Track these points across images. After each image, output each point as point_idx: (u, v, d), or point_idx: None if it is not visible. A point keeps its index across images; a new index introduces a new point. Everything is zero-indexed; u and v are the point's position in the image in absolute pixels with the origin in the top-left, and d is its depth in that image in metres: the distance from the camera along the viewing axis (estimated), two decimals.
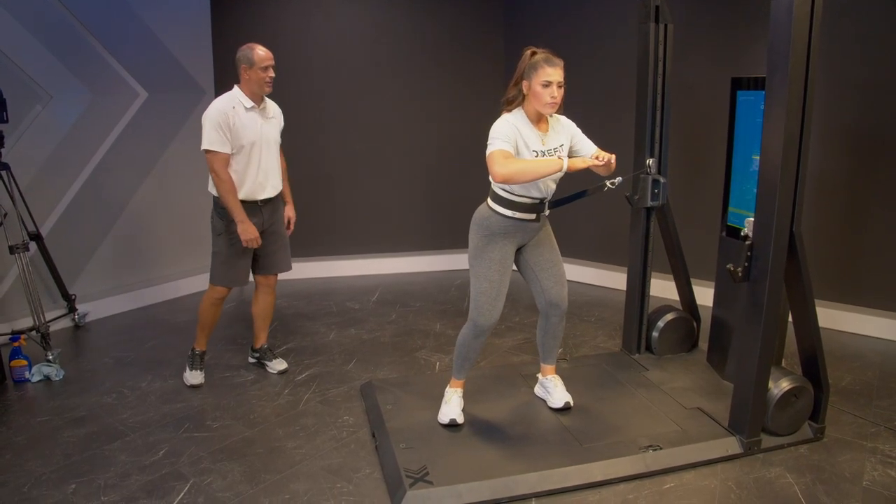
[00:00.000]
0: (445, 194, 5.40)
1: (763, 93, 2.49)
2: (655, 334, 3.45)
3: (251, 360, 3.59)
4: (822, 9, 2.32)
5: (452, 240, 5.37)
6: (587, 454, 2.56)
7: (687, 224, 3.94)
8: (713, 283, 3.31)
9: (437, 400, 2.89)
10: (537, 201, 2.62)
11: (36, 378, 3.38)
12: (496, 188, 2.61)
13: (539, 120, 2.57)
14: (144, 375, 3.45)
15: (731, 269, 2.56)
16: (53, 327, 3.89)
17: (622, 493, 2.41)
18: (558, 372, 3.04)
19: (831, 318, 3.93)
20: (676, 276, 3.53)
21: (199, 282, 3.27)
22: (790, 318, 2.78)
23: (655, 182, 3.15)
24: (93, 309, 4.30)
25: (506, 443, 2.66)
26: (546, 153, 2.54)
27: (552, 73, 2.45)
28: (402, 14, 5.15)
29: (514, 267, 2.76)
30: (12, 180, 3.59)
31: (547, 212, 2.69)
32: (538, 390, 3.05)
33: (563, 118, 2.67)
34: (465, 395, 2.90)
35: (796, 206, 2.48)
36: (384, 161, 5.31)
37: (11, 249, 3.57)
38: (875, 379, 3.32)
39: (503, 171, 2.36)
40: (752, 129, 2.97)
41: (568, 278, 2.90)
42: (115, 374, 3.49)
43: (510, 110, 2.56)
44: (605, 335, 3.99)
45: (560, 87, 2.47)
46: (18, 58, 3.83)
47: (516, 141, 2.48)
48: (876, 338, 3.84)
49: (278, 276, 3.43)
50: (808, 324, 2.65)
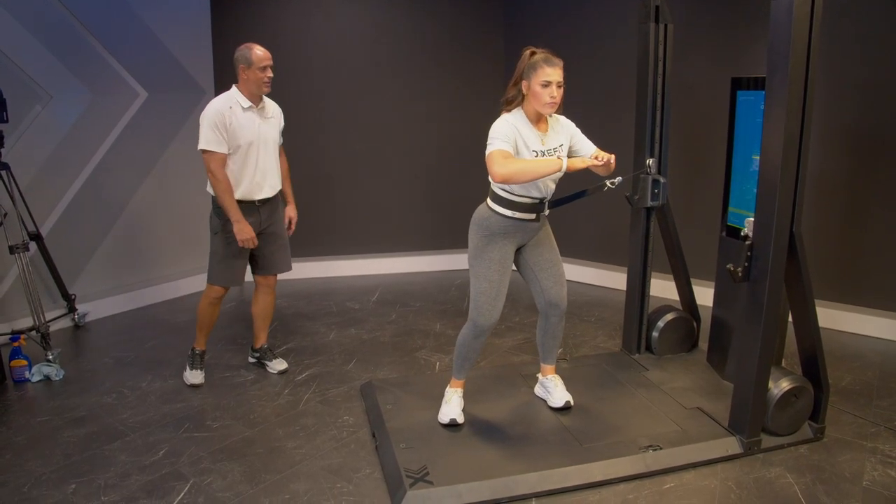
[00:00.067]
0: (445, 194, 5.40)
1: (763, 93, 2.49)
2: (655, 334, 3.45)
3: (251, 360, 3.59)
4: (822, 9, 2.32)
5: (452, 240, 5.37)
6: (587, 454, 2.56)
7: (687, 224, 3.94)
8: (713, 283, 3.31)
9: (438, 400, 2.89)
10: (537, 201, 2.62)
11: (36, 378, 3.38)
12: (496, 188, 2.61)
13: (538, 120, 2.56)
14: (144, 375, 3.45)
15: (731, 269, 2.56)
16: (53, 327, 3.89)
17: (622, 493, 2.41)
18: (558, 372, 3.04)
19: (831, 318, 3.93)
20: (676, 276, 3.53)
21: (199, 282, 3.29)
22: (790, 318, 2.78)
23: (655, 182, 3.16)
24: (93, 309, 4.30)
25: (506, 443, 2.66)
26: (546, 153, 2.54)
27: (551, 73, 2.45)
28: (402, 14, 5.16)
29: (514, 267, 2.76)
30: (12, 180, 3.59)
31: (547, 212, 2.69)
32: (538, 390, 3.05)
33: (563, 118, 2.67)
34: (466, 395, 2.90)
35: (796, 206, 2.48)
36: (384, 161, 5.31)
37: (11, 249, 3.57)
38: (875, 379, 3.32)
39: (503, 171, 2.36)
40: (752, 129, 2.97)
41: (568, 278, 2.90)
42: (115, 373, 3.49)
43: (509, 110, 2.56)
44: (605, 335, 3.99)
45: (559, 87, 2.47)
46: (18, 58, 3.83)
47: (516, 141, 2.48)
48: (876, 338, 3.84)
49: (278, 276, 3.44)
50: (808, 324, 2.65)
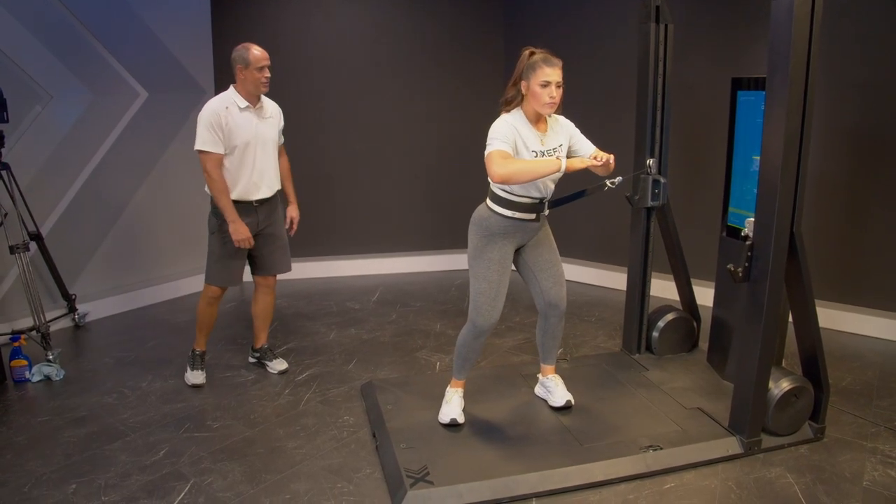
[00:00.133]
0: (445, 194, 5.40)
1: (763, 93, 2.49)
2: (656, 334, 3.45)
3: (251, 360, 3.59)
4: (823, 9, 2.32)
5: (452, 240, 5.37)
6: (588, 454, 2.56)
7: (687, 224, 3.94)
8: (713, 284, 3.31)
9: (438, 400, 2.89)
10: (537, 201, 2.62)
11: (36, 378, 3.38)
12: (495, 188, 2.61)
13: (538, 120, 2.56)
14: (145, 375, 3.45)
15: (732, 269, 2.56)
16: (54, 327, 3.89)
17: (623, 493, 2.42)
18: (558, 372, 3.04)
19: (831, 318, 3.93)
20: (676, 276, 3.53)
21: (199, 282, 3.29)
22: (790, 319, 2.78)
23: (656, 182, 3.16)
24: (93, 309, 4.30)
25: (506, 443, 2.66)
26: (545, 153, 2.54)
27: (551, 74, 2.44)
28: (402, 14, 5.16)
29: (513, 267, 2.76)
30: (13, 180, 3.59)
31: (546, 211, 2.69)
32: (538, 390, 3.05)
33: (562, 118, 2.67)
34: (466, 395, 2.90)
35: (797, 207, 2.48)
36: (384, 161, 5.31)
37: (12, 249, 3.57)
38: (875, 379, 3.33)
39: (502, 171, 2.36)
40: (752, 129, 2.97)
41: (568, 278, 2.90)
42: (116, 374, 3.49)
43: (509, 110, 2.56)
44: (605, 335, 3.99)
45: (559, 87, 2.47)
46: (19, 58, 3.83)
47: (515, 141, 2.48)
48: (876, 338, 3.84)
49: (278, 276, 3.44)
50: (808, 324, 2.65)
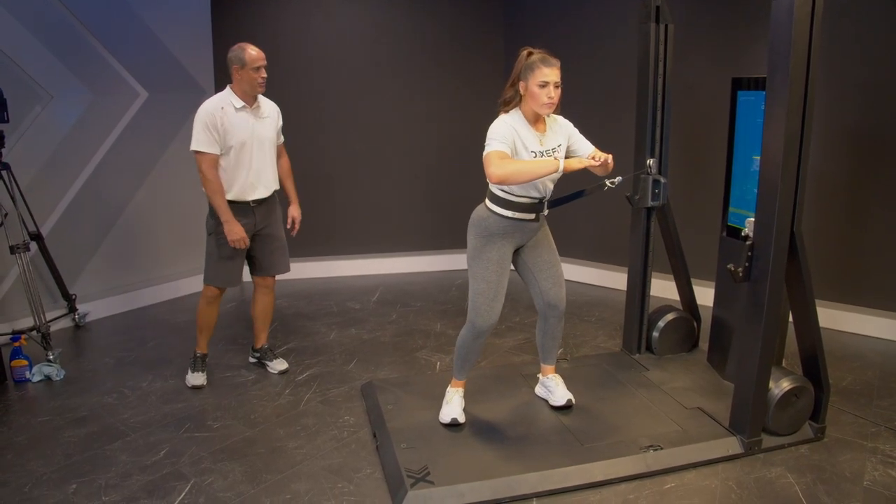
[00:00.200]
0: (445, 194, 5.40)
1: (764, 93, 2.49)
2: (656, 334, 3.45)
3: (252, 360, 3.59)
4: (823, 9, 2.32)
5: (452, 240, 5.37)
6: (588, 454, 2.56)
7: (687, 224, 3.94)
8: (713, 283, 3.31)
9: (438, 400, 2.89)
10: (536, 201, 2.61)
11: (37, 378, 3.38)
12: (494, 189, 2.61)
13: (537, 120, 2.56)
14: (145, 375, 3.45)
15: (732, 269, 2.56)
16: (54, 327, 3.89)
17: (623, 493, 2.42)
18: (559, 371, 3.04)
19: (832, 318, 3.93)
20: (677, 276, 3.53)
21: (200, 282, 3.29)
22: (791, 318, 2.78)
23: (656, 182, 3.16)
24: (93, 309, 4.30)
25: (507, 443, 2.66)
26: (544, 154, 2.54)
27: (549, 74, 2.44)
28: (402, 14, 5.16)
29: (513, 268, 2.76)
30: (13, 180, 3.59)
31: (546, 211, 2.69)
32: (539, 390, 3.05)
33: (561, 118, 2.66)
34: (466, 395, 2.90)
35: (797, 206, 2.48)
36: (384, 161, 5.31)
37: (12, 249, 3.57)
38: (875, 379, 3.33)
39: (499, 171, 2.36)
40: (752, 129, 2.97)
41: (568, 278, 2.90)
42: (116, 373, 3.49)
43: (507, 111, 2.56)
44: (605, 335, 3.99)
45: (557, 87, 2.46)
46: (19, 58, 3.83)
47: (514, 142, 2.47)
48: (876, 338, 3.84)
49: (278, 277, 3.44)
50: (808, 324, 2.65)
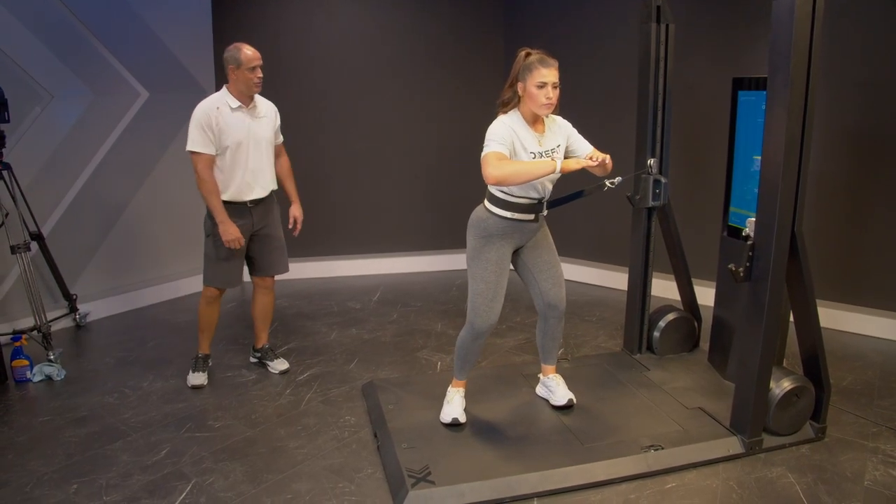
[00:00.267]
0: (445, 194, 5.40)
1: (764, 93, 2.49)
2: (657, 334, 3.46)
3: (253, 360, 3.59)
4: (823, 9, 2.32)
5: (452, 240, 5.37)
6: (589, 454, 2.56)
7: (688, 224, 3.94)
8: (714, 283, 3.31)
9: (439, 400, 2.89)
10: (535, 202, 2.61)
11: (37, 378, 3.38)
12: (493, 190, 2.61)
13: (535, 121, 2.56)
14: (146, 375, 3.45)
15: (733, 268, 2.56)
16: (55, 327, 3.89)
17: (624, 493, 2.42)
18: (559, 371, 3.04)
19: (832, 317, 3.93)
20: (677, 275, 3.53)
21: (200, 282, 3.31)
22: (791, 318, 2.78)
23: (657, 182, 3.16)
24: (94, 309, 4.30)
25: (508, 443, 2.66)
26: (543, 154, 2.53)
27: (547, 74, 2.44)
28: (403, 14, 5.16)
29: (512, 268, 2.76)
30: (13, 180, 3.59)
31: (545, 212, 2.69)
32: (540, 390, 3.05)
33: (559, 118, 2.66)
34: (467, 395, 2.90)
35: (798, 206, 2.48)
36: (384, 161, 5.31)
37: (13, 249, 3.57)
38: (876, 379, 3.33)
39: (496, 172, 2.36)
40: (753, 129, 2.97)
41: (568, 278, 2.90)
42: (117, 373, 3.49)
43: (506, 112, 2.56)
44: (606, 335, 3.99)
45: (555, 87, 2.46)
46: (19, 58, 3.83)
47: (513, 143, 2.47)
48: (877, 338, 3.84)
49: (277, 277, 3.44)
50: (809, 323, 2.65)
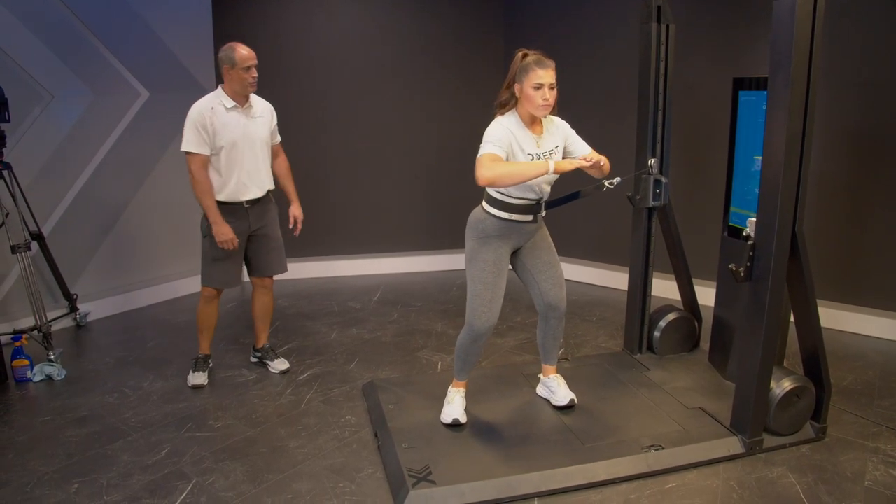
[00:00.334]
0: (445, 194, 5.40)
1: (765, 93, 2.49)
2: (657, 334, 3.46)
3: (253, 360, 3.59)
4: (824, 9, 2.32)
5: (452, 240, 5.37)
6: (589, 454, 2.56)
7: (688, 224, 3.94)
8: (715, 283, 3.31)
9: (440, 399, 2.89)
10: (533, 202, 2.60)
11: (38, 378, 3.38)
12: (491, 191, 2.60)
13: (533, 122, 2.55)
14: (146, 375, 3.45)
15: (734, 268, 2.56)
16: (55, 327, 3.89)
17: (624, 493, 2.42)
18: (560, 371, 3.04)
19: (833, 318, 3.93)
20: (678, 275, 3.53)
21: (200, 282, 3.33)
22: (792, 318, 2.78)
23: (657, 182, 3.16)
24: (94, 309, 4.30)
25: (508, 442, 2.66)
26: (541, 156, 2.53)
27: (543, 76, 2.43)
28: (403, 14, 5.16)
29: (511, 268, 2.76)
30: (14, 180, 3.59)
31: (543, 213, 2.68)
32: (540, 390, 3.05)
33: (558, 119, 2.66)
34: (468, 395, 2.90)
35: (798, 206, 2.48)
36: (384, 161, 5.32)
37: (13, 249, 3.57)
38: (877, 379, 3.33)
39: (488, 174, 2.36)
40: (753, 129, 2.97)
41: (568, 278, 2.90)
42: (117, 373, 3.49)
43: (503, 113, 2.55)
44: (606, 335, 3.99)
45: (552, 88, 2.45)
46: (20, 57, 3.83)
47: (511, 144, 2.47)
48: (878, 338, 3.84)
49: (277, 277, 3.44)
50: (809, 323, 2.65)
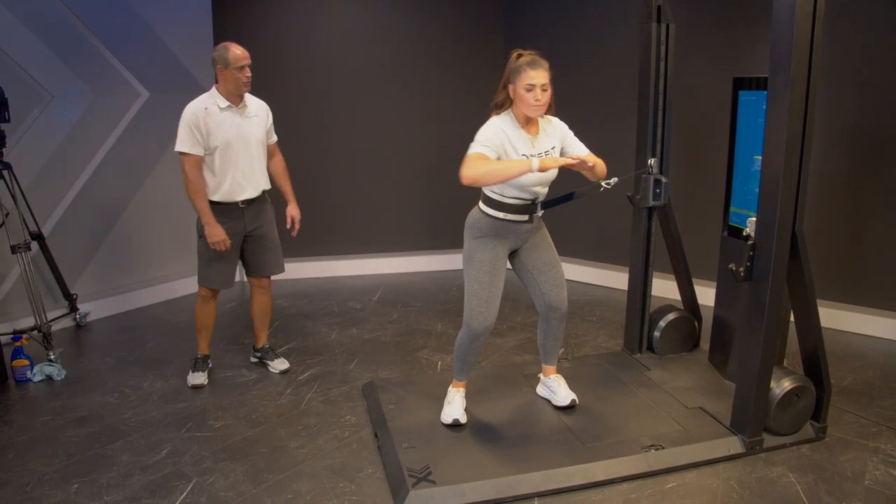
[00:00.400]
0: (445, 194, 5.40)
1: (765, 93, 2.49)
2: (657, 334, 3.46)
3: (253, 360, 3.59)
4: (824, 9, 2.32)
5: (452, 240, 5.36)
6: (590, 454, 2.56)
7: (688, 224, 3.94)
8: (715, 283, 3.31)
9: (440, 399, 2.89)
10: (528, 202, 2.60)
11: (38, 378, 3.38)
12: (486, 191, 2.60)
13: (529, 123, 2.54)
14: (146, 375, 3.45)
15: (734, 268, 2.56)
16: (55, 327, 3.89)
17: (625, 493, 2.42)
18: (560, 371, 3.04)
19: (833, 317, 3.93)
20: (678, 275, 3.53)
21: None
22: (792, 318, 2.78)
23: (657, 182, 3.16)
24: (94, 309, 4.30)
25: (508, 442, 2.66)
26: (536, 156, 2.52)
27: (535, 76, 2.43)
28: (403, 14, 5.16)
29: (511, 269, 2.76)
30: (14, 180, 3.59)
31: (540, 213, 2.66)
32: (541, 390, 3.05)
33: (556, 120, 2.64)
34: (468, 395, 2.90)
35: (798, 206, 2.48)
36: (384, 161, 5.31)
37: (13, 249, 3.57)
38: (877, 378, 3.33)
39: (470, 172, 2.36)
40: (753, 129, 2.97)
41: (568, 278, 2.89)
42: (117, 373, 3.49)
43: (499, 114, 2.55)
44: (606, 335, 3.99)
45: (544, 89, 2.44)
46: (20, 57, 3.83)
47: (503, 144, 2.46)
48: (878, 338, 3.84)
49: (275, 277, 3.43)
50: (809, 323, 2.65)
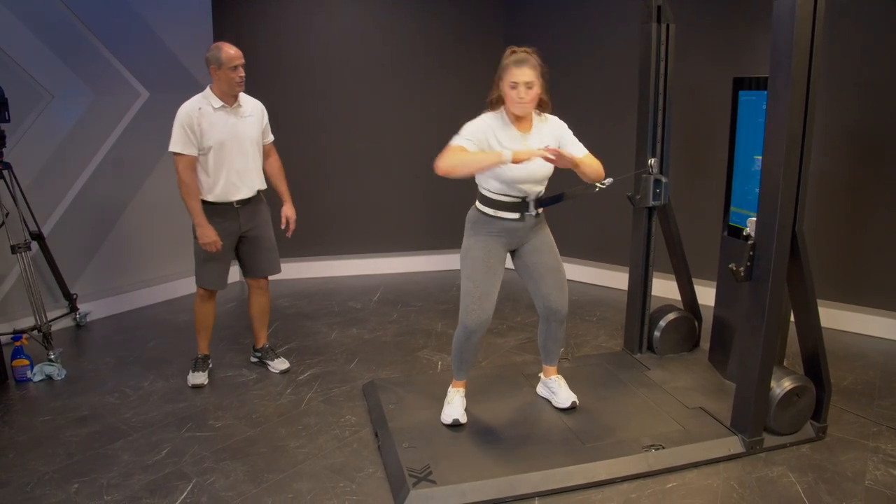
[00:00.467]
0: (445, 194, 5.38)
1: (765, 93, 2.49)
2: (657, 334, 3.46)
3: (253, 360, 3.59)
4: (824, 9, 2.32)
5: (452, 240, 5.32)
6: (590, 453, 2.56)
7: (689, 224, 3.94)
8: (715, 283, 3.31)
9: (440, 399, 2.89)
10: (517, 200, 2.59)
11: (38, 377, 3.38)
12: (480, 188, 2.63)
13: (520, 120, 2.54)
14: (146, 375, 3.45)
15: (734, 268, 2.56)
16: (55, 327, 3.89)
17: (625, 493, 2.42)
18: (560, 371, 3.04)
19: (833, 317, 3.93)
20: (678, 275, 3.53)
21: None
22: (792, 318, 2.78)
23: (657, 182, 3.16)
24: (94, 308, 4.30)
25: (509, 442, 2.66)
26: None
27: (518, 74, 2.43)
28: (403, 14, 5.15)
29: (513, 269, 2.75)
30: (14, 180, 3.59)
31: (534, 212, 2.62)
32: (541, 390, 3.05)
33: (553, 119, 2.63)
34: (468, 395, 2.90)
35: (799, 206, 2.48)
36: (384, 160, 5.31)
37: (13, 249, 3.57)
38: (877, 378, 3.33)
39: (442, 163, 2.39)
40: (754, 129, 2.97)
41: (568, 278, 2.88)
42: (117, 373, 3.49)
43: (493, 110, 2.57)
44: (606, 335, 3.99)
45: (529, 87, 2.44)
46: (20, 57, 3.83)
47: (486, 139, 2.47)
48: (878, 338, 3.84)
49: (273, 277, 3.43)
50: (810, 323, 2.65)
